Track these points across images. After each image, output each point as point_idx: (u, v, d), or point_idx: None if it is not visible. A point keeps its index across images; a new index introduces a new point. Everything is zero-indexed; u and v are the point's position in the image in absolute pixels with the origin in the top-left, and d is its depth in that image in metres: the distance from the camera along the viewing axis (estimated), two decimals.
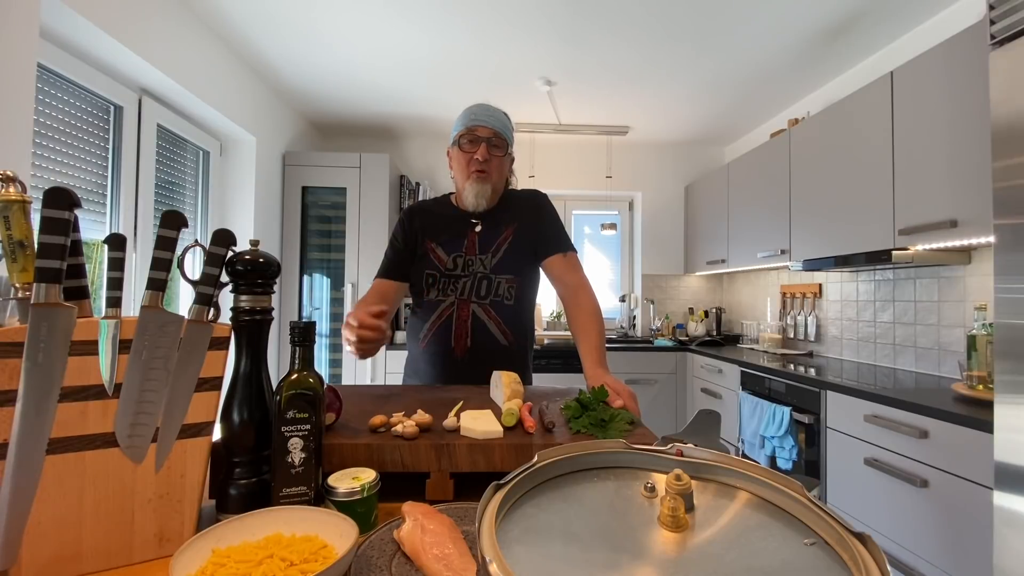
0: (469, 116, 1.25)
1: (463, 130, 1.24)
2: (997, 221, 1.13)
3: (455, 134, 1.27)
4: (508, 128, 1.29)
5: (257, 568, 0.46)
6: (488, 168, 1.24)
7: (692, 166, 3.84)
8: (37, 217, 0.51)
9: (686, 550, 0.30)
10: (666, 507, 0.32)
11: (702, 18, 2.13)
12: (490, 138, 1.23)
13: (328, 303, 3.16)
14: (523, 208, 1.33)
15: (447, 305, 1.23)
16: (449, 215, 1.31)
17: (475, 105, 1.27)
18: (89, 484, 0.52)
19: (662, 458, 0.40)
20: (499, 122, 1.26)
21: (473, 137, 1.24)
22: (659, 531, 0.31)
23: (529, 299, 1.32)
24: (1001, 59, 1.14)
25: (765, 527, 0.32)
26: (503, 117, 1.28)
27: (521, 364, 1.27)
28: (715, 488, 0.37)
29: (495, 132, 1.24)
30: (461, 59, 2.52)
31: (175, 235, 0.58)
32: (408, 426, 0.70)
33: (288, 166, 3.07)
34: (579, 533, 0.31)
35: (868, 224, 1.99)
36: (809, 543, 0.30)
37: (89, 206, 1.80)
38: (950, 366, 1.95)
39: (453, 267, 1.25)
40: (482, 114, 1.24)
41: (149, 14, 1.85)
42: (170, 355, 0.56)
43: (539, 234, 1.30)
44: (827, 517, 0.30)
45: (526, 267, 1.29)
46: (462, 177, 1.26)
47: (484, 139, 1.23)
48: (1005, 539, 1.09)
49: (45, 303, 0.49)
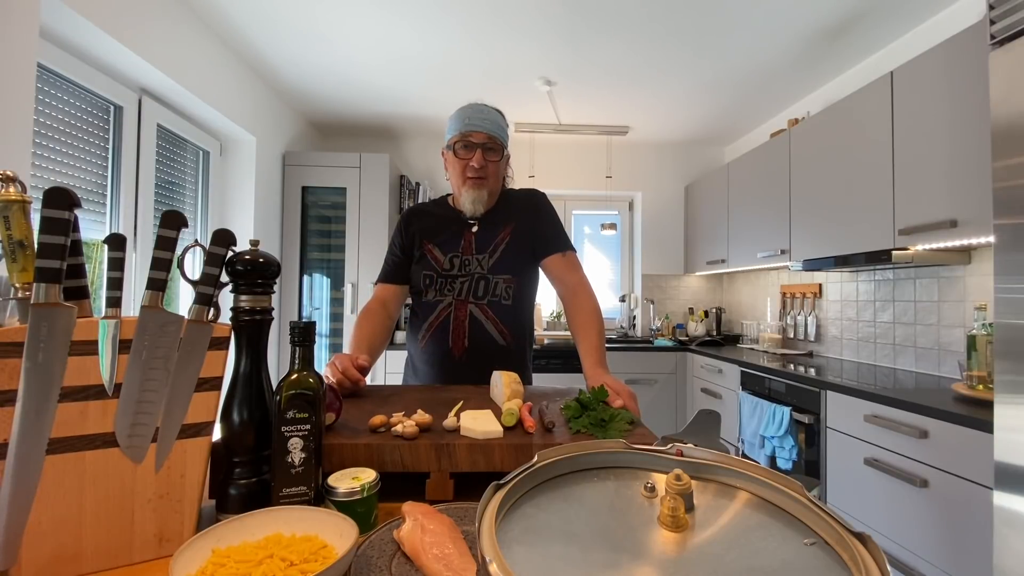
0: (463, 120, 1.22)
1: (457, 136, 1.22)
2: (997, 221, 1.13)
3: (449, 138, 1.25)
4: (503, 129, 1.26)
5: (257, 568, 0.46)
6: (485, 174, 1.22)
7: (692, 166, 3.84)
8: (37, 217, 0.51)
9: (686, 550, 0.30)
10: (666, 507, 0.32)
11: (702, 18, 2.13)
12: (485, 143, 1.21)
13: (328, 303, 3.16)
14: (521, 208, 1.32)
15: (444, 305, 1.22)
16: (446, 216, 1.30)
17: (468, 106, 1.25)
18: (89, 484, 0.51)
19: (662, 458, 0.40)
20: (494, 125, 1.23)
21: (468, 143, 1.21)
22: (659, 531, 0.31)
23: (528, 299, 1.31)
24: (1001, 59, 1.14)
25: (765, 527, 0.32)
26: (497, 118, 1.26)
27: (520, 364, 1.27)
28: (715, 488, 0.37)
29: (490, 136, 1.22)
30: (461, 59, 2.52)
31: (175, 235, 0.58)
32: (408, 426, 0.70)
33: (288, 166, 3.07)
34: (579, 533, 0.31)
35: (868, 224, 1.99)
36: (809, 543, 0.30)
37: (89, 206, 1.80)
38: (950, 366, 1.95)
39: (450, 267, 1.24)
40: (476, 117, 1.22)
41: (149, 14, 1.85)
42: (170, 355, 0.56)
43: (537, 234, 1.29)
44: (827, 517, 0.30)
45: (524, 267, 1.28)
46: (458, 183, 1.25)
47: (479, 145, 1.21)
48: (1005, 539, 1.09)
49: (45, 303, 0.49)
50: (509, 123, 1.34)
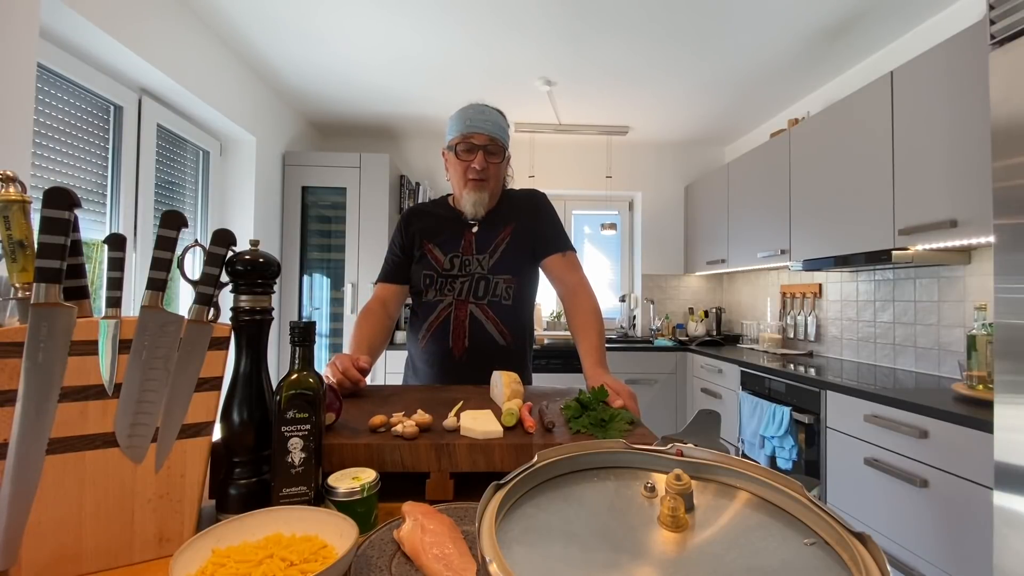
0: (464, 121, 1.21)
1: (458, 137, 1.21)
2: (997, 221, 1.13)
3: (450, 139, 1.24)
4: (504, 130, 1.26)
5: (257, 568, 0.46)
6: (486, 176, 1.22)
7: (692, 166, 3.84)
8: (37, 217, 0.51)
9: (686, 550, 0.30)
10: (666, 507, 0.32)
11: (702, 18, 2.13)
12: (486, 145, 1.21)
13: (328, 303, 3.16)
14: (521, 208, 1.31)
15: (445, 305, 1.22)
16: (447, 216, 1.30)
17: (469, 107, 1.24)
18: (89, 484, 0.51)
19: (662, 458, 0.40)
20: (496, 126, 1.22)
21: (469, 145, 1.21)
22: (659, 531, 0.31)
23: (528, 299, 1.31)
24: (1001, 59, 1.14)
25: (765, 527, 0.32)
26: (499, 119, 1.25)
27: (520, 364, 1.27)
28: (715, 488, 0.37)
29: (491, 138, 1.21)
30: (461, 59, 2.52)
31: (175, 235, 0.58)
32: (408, 426, 0.70)
33: (288, 166, 3.07)
34: (579, 533, 0.31)
35: (868, 224, 1.99)
36: (809, 543, 0.30)
37: (89, 206, 1.80)
38: (950, 366, 1.95)
39: (450, 267, 1.24)
40: (478, 119, 1.21)
41: (149, 14, 1.85)
42: (170, 355, 0.56)
43: (537, 234, 1.29)
44: (827, 517, 0.30)
45: (524, 267, 1.28)
46: (459, 185, 1.25)
47: (481, 147, 1.20)
48: (1005, 539, 1.09)
49: (45, 303, 0.49)
50: (509, 123, 1.34)
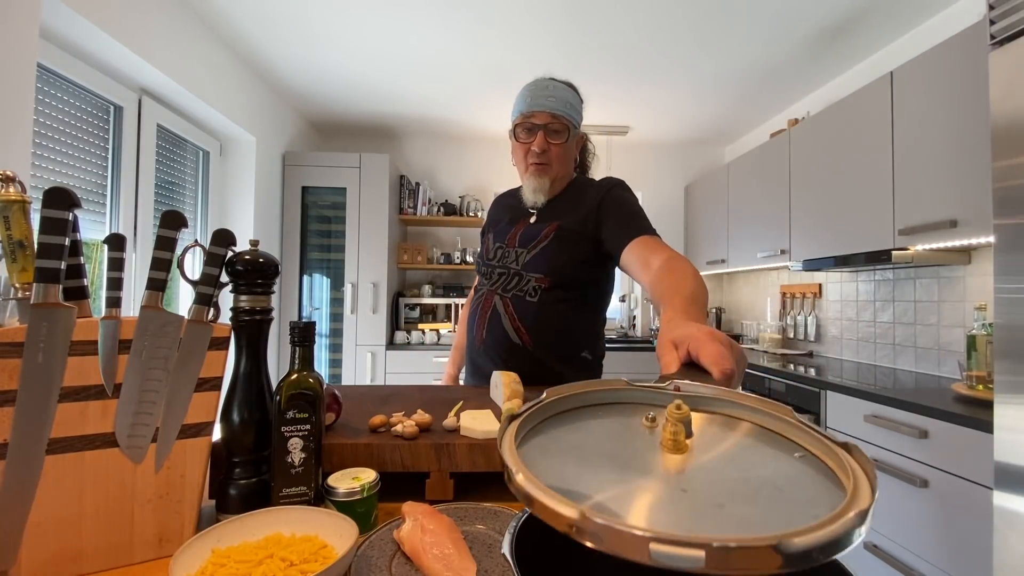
0: (525, 100, 1.10)
1: (519, 118, 1.11)
2: (997, 221, 1.13)
3: (512, 121, 1.14)
4: (572, 106, 1.12)
5: (257, 568, 0.46)
6: (548, 159, 1.11)
7: (692, 166, 3.84)
8: (37, 217, 0.51)
9: (687, 467, 0.32)
10: (667, 432, 0.34)
11: (702, 18, 2.13)
12: (548, 124, 1.09)
13: (328, 303, 3.16)
14: (581, 201, 1.13)
15: (482, 294, 1.19)
16: (513, 204, 1.24)
17: (532, 83, 1.13)
18: (89, 484, 0.51)
19: (661, 393, 0.42)
20: (559, 102, 1.09)
21: (529, 126, 1.10)
22: (662, 453, 0.34)
23: (564, 305, 1.11)
24: (1001, 59, 1.14)
25: (759, 446, 0.35)
26: (565, 94, 1.11)
27: (538, 370, 1.07)
28: (711, 418, 0.40)
29: (554, 115, 1.09)
30: (460, 59, 2.52)
31: (175, 235, 0.58)
32: (408, 426, 0.70)
33: (288, 166, 3.07)
34: (589, 456, 0.34)
35: (868, 224, 1.99)
36: (799, 456, 0.33)
37: (89, 206, 1.80)
38: (950, 366, 1.95)
39: (493, 257, 1.20)
40: (539, 95, 1.09)
41: (149, 14, 1.85)
42: (170, 355, 0.56)
43: (598, 233, 1.08)
44: (815, 433, 0.33)
45: (567, 270, 1.10)
46: (521, 170, 1.17)
47: (541, 126, 1.09)
48: (1005, 539, 1.09)
49: (45, 303, 0.49)
50: (583, 98, 1.20)
